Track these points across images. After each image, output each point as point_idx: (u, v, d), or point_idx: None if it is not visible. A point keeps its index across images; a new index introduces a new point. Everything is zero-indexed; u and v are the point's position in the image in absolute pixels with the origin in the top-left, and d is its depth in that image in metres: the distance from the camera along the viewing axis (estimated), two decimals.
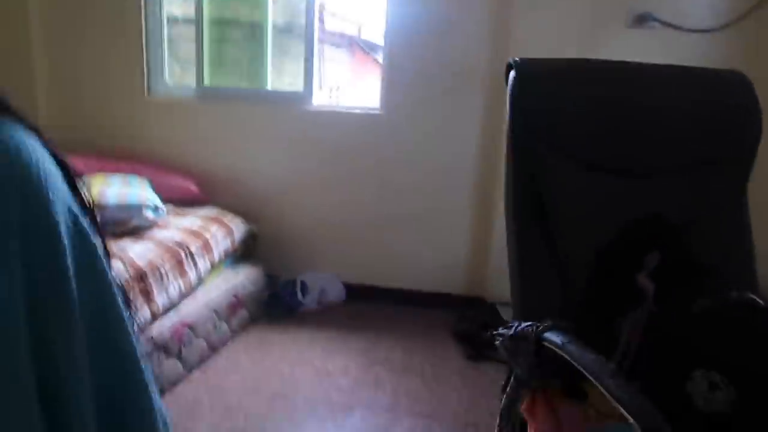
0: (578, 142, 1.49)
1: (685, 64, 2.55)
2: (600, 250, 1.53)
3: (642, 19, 2.64)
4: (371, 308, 2.89)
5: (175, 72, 3.25)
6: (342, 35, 5.98)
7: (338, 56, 6.40)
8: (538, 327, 1.25)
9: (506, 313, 2.59)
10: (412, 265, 2.96)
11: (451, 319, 2.75)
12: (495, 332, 1.34)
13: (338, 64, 6.43)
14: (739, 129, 1.47)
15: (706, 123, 1.48)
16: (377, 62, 7.08)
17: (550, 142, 1.47)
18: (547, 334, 1.23)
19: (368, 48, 6.67)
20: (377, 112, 2.93)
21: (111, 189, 2.33)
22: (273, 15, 3.21)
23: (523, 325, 1.32)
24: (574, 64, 1.49)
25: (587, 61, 1.50)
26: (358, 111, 2.98)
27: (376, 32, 6.52)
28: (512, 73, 1.46)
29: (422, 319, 2.82)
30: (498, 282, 2.74)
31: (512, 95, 1.45)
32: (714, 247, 1.58)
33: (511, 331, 1.30)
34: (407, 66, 2.84)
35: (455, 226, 2.92)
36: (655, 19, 2.63)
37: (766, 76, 2.46)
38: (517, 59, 1.45)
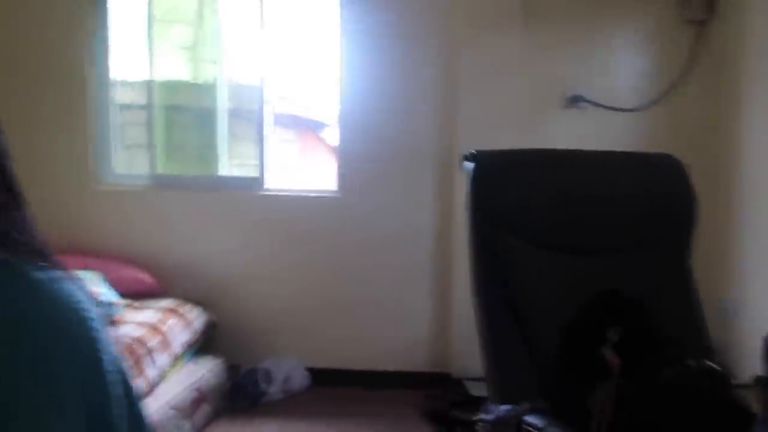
0: (535, 226, 1.58)
1: (615, 140, 2.79)
2: (564, 326, 1.60)
3: (575, 100, 2.86)
4: (338, 393, 2.84)
5: (122, 158, 3.22)
6: (289, 116, 6.12)
7: (286, 136, 6.53)
8: (517, 411, 1.29)
9: (474, 389, 2.60)
10: (376, 346, 2.95)
11: (419, 398, 2.73)
12: (476, 418, 1.36)
13: (286, 144, 6.55)
14: (676, 212, 1.61)
15: (645, 207, 1.61)
16: (322, 141, 7.25)
17: (510, 227, 1.56)
18: (528, 418, 1.26)
19: (315, 127, 6.86)
20: (334, 194, 3.00)
21: None
22: (223, 100, 3.28)
23: (503, 409, 1.35)
24: (526, 154, 1.61)
25: (538, 151, 1.62)
26: (313, 194, 3.04)
27: (321, 112, 6.72)
28: (471, 165, 1.56)
29: (391, 400, 2.79)
30: (463, 357, 2.77)
31: (473, 185, 1.54)
32: (668, 318, 1.67)
33: (492, 417, 1.33)
34: (361, 148, 2.94)
35: (416, 303, 2.96)
36: (586, 101, 2.85)
37: (685, 149, 2.73)
38: (475, 151, 1.55)
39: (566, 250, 1.62)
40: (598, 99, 2.85)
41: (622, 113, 2.85)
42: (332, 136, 6.84)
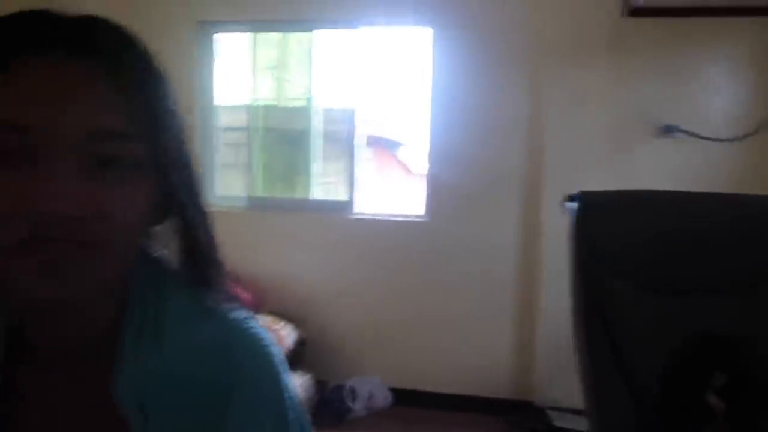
0: (641, 267, 1.60)
1: (710, 172, 2.72)
2: (668, 368, 1.61)
3: (667, 130, 2.81)
4: (419, 414, 2.89)
5: (220, 179, 3.43)
6: (368, 135, 6.27)
7: (364, 155, 6.69)
8: None
9: (557, 420, 2.60)
10: (458, 369, 3.00)
11: (500, 425, 2.75)
12: None
13: (365, 162, 6.71)
14: None
15: (753, 252, 1.58)
16: (397, 159, 7.37)
17: (614, 268, 1.58)
18: None
19: (390, 146, 6.99)
20: (421, 219, 3.08)
21: None
22: (317, 123, 3.43)
23: None
24: (631, 196, 1.63)
25: (643, 193, 1.64)
26: (400, 218, 3.14)
27: (396, 132, 6.85)
28: (575, 205, 1.59)
29: (470, 425, 2.81)
30: (547, 386, 2.78)
31: (577, 226, 1.58)
32: None
33: None
34: (449, 175, 3.01)
35: (500, 329, 2.98)
36: (679, 130, 2.80)
37: None
38: (580, 192, 1.59)
39: (669, 292, 1.61)
40: (689, 128, 2.79)
41: (718, 143, 2.77)
42: (407, 155, 6.96)
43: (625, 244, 1.57)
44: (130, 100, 0.52)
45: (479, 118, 2.95)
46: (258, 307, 2.96)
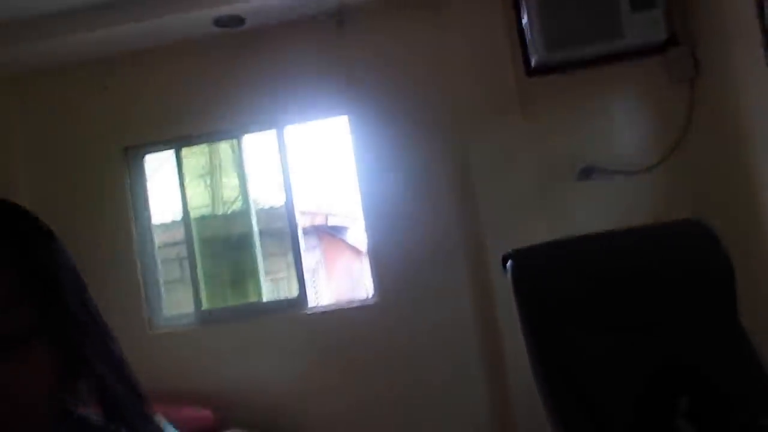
0: (582, 312, 1.65)
1: (631, 204, 2.86)
2: (633, 402, 1.63)
3: (585, 172, 2.97)
4: None
5: (166, 298, 3.36)
6: (314, 226, 6.34)
7: (309, 243, 6.72)
8: None
9: None
10: None
11: None
12: None
13: (311, 251, 6.73)
14: (714, 276, 1.67)
15: (683, 276, 1.67)
16: (345, 243, 7.43)
17: (558, 316, 1.63)
18: None
19: (337, 232, 7.07)
20: (371, 302, 3.08)
21: None
22: (255, 225, 3.44)
23: None
24: (560, 246, 1.70)
25: (570, 241, 1.71)
26: (354, 304, 3.13)
27: (339, 217, 6.95)
28: (510, 264, 1.65)
29: None
30: None
31: (516, 284, 1.63)
32: (731, 380, 1.69)
33: None
34: (391, 252, 3.05)
35: (472, 398, 2.95)
36: (596, 170, 2.95)
37: (701, 200, 2.79)
38: (512, 251, 1.65)
39: (617, 329, 1.67)
40: (604, 167, 2.95)
41: (634, 177, 2.94)
42: (355, 238, 7.02)
43: (565, 292, 1.62)
44: (15, 266, 0.51)
45: (409, 193, 3.04)
46: (224, 423, 2.84)
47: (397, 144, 3.08)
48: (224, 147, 4.06)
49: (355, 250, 7.22)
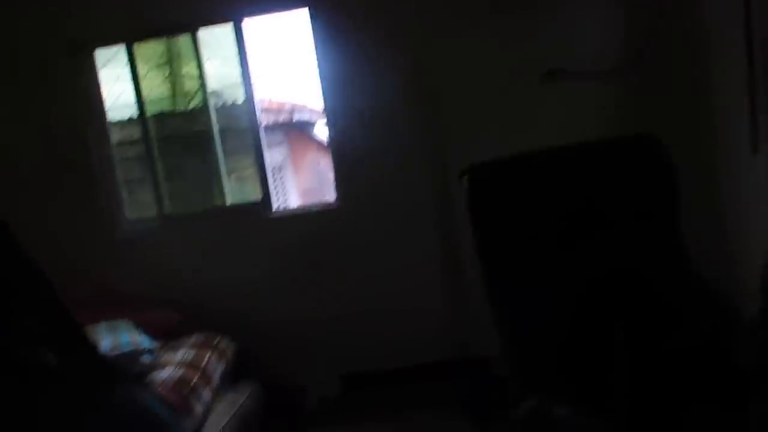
0: (531, 222, 1.70)
1: (595, 107, 2.84)
2: (575, 306, 1.73)
3: (551, 74, 2.91)
4: (372, 395, 2.96)
5: (129, 200, 3.33)
6: (276, 122, 6.18)
7: (275, 139, 6.61)
8: (544, 405, 1.41)
9: (498, 369, 2.73)
10: (400, 343, 3.05)
11: (450, 387, 2.87)
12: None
13: (276, 148, 6.64)
14: (660, 188, 1.71)
15: (631, 187, 1.71)
16: (313, 138, 7.33)
17: (506, 227, 1.68)
18: (555, 410, 1.39)
19: (303, 128, 6.93)
20: (335, 206, 3.10)
21: (104, 342, 2.37)
22: (215, 123, 3.35)
23: (529, 404, 1.47)
24: (513, 161, 1.71)
25: (522, 156, 1.72)
26: (316, 209, 3.15)
27: (305, 113, 6.78)
28: (466, 178, 1.66)
29: (424, 394, 2.91)
30: (483, 338, 2.90)
31: (470, 197, 1.65)
32: (668, 284, 1.79)
33: (521, 413, 1.45)
34: (354, 156, 3.03)
35: (430, 295, 3.07)
36: (562, 72, 2.90)
37: (664, 107, 2.80)
38: (468, 167, 1.66)
39: (563, 237, 1.73)
40: (573, 69, 2.90)
41: (596, 82, 2.90)
42: (322, 133, 6.90)
43: (514, 205, 1.66)
44: None
45: (372, 93, 2.96)
46: (189, 325, 2.92)
47: (358, 39, 2.95)
48: (183, 37, 3.84)
49: (323, 146, 7.15)
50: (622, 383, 1.45)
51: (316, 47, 3.01)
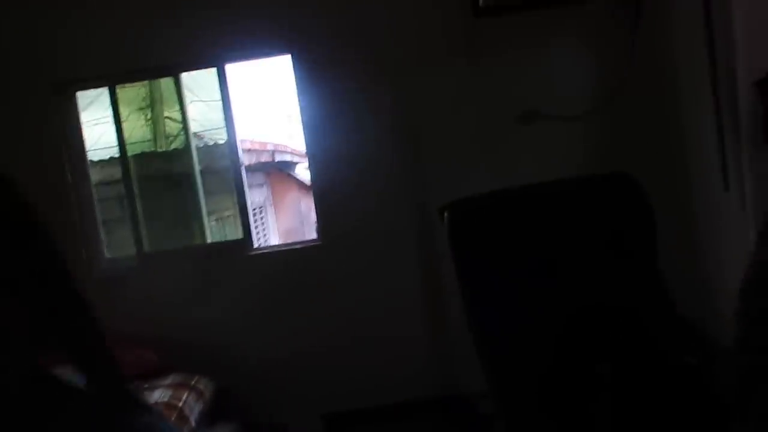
0: (510, 258, 1.73)
1: (571, 149, 2.93)
2: (557, 342, 1.74)
3: (526, 116, 3.01)
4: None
5: (105, 236, 3.29)
6: (258, 162, 6.22)
7: (256, 180, 6.64)
8: None
9: (483, 405, 2.72)
10: (384, 380, 3.03)
11: (435, 424, 2.84)
12: None
13: (258, 188, 6.66)
14: (637, 222, 1.76)
15: (607, 226, 1.76)
16: (294, 178, 7.38)
17: (487, 262, 1.70)
18: None
19: (284, 167, 6.98)
20: (316, 243, 3.11)
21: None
22: (196, 163, 3.37)
23: None
24: (492, 198, 1.75)
25: (501, 193, 1.76)
26: (298, 246, 3.15)
27: (286, 153, 6.85)
28: (446, 215, 1.69)
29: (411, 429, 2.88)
30: (466, 376, 2.90)
31: (451, 233, 1.68)
32: (648, 319, 1.82)
33: None
34: (335, 195, 3.06)
35: (412, 333, 3.07)
36: (538, 115, 2.99)
37: (638, 148, 2.89)
38: (447, 203, 1.69)
39: (542, 272, 1.75)
40: (547, 112, 3.00)
41: (573, 123, 3.00)
42: (304, 173, 6.95)
43: (494, 241, 1.69)
44: None
45: (353, 136, 3.02)
46: (168, 365, 2.87)
47: (340, 85, 3.01)
48: (165, 80, 3.89)
49: (304, 186, 7.18)
50: (604, 416, 1.46)
51: (298, 90, 3.07)
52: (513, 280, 1.73)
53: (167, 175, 3.56)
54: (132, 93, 4.23)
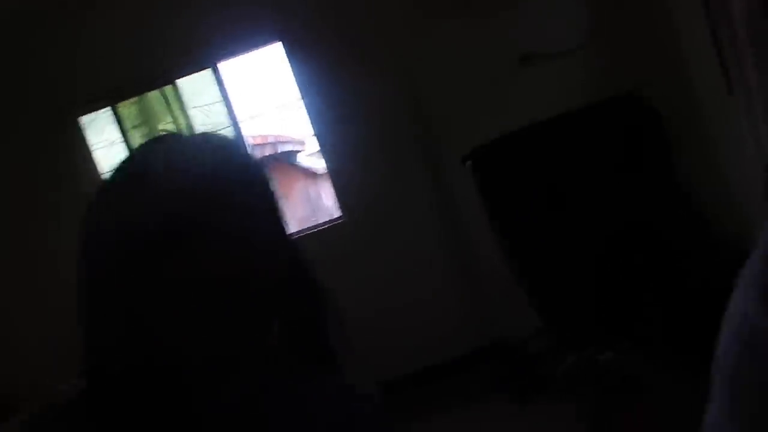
0: (539, 192, 1.79)
1: (573, 84, 2.93)
2: (596, 263, 1.81)
3: (526, 57, 3.01)
4: (409, 397, 2.96)
5: None
6: (262, 156, 6.26)
7: None
8: (589, 355, 1.49)
9: (532, 346, 2.79)
10: (425, 342, 3.10)
11: (485, 376, 2.92)
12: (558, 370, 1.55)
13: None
14: (653, 145, 1.82)
15: (622, 143, 1.81)
16: (298, 167, 7.40)
17: (518, 200, 1.77)
18: (601, 357, 1.47)
19: (287, 158, 7.02)
20: (340, 221, 3.17)
21: None
22: None
23: (572, 358, 1.55)
24: (511, 138, 1.81)
25: (519, 133, 1.82)
26: (324, 226, 3.22)
27: (288, 144, 6.88)
28: (469, 163, 1.76)
29: (463, 385, 2.95)
30: (507, 320, 2.97)
31: (476, 179, 1.75)
32: (678, 234, 1.88)
33: (567, 365, 1.53)
34: (351, 172, 3.11)
35: (449, 287, 3.13)
36: (536, 54, 3.00)
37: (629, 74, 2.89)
38: (469, 151, 1.76)
39: (569, 201, 1.82)
40: (545, 50, 3.00)
41: (572, 56, 2.99)
42: (308, 160, 6.99)
43: (519, 179, 1.75)
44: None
45: (358, 112, 3.05)
46: None
47: (337, 59, 3.04)
48: (154, 95, 3.91)
49: (310, 173, 7.22)
50: (656, 315, 1.52)
51: (294, 75, 3.11)
52: (542, 210, 1.79)
53: None
54: (124, 112, 4.26)
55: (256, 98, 3.78)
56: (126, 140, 3.32)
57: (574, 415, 1.68)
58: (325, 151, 3.15)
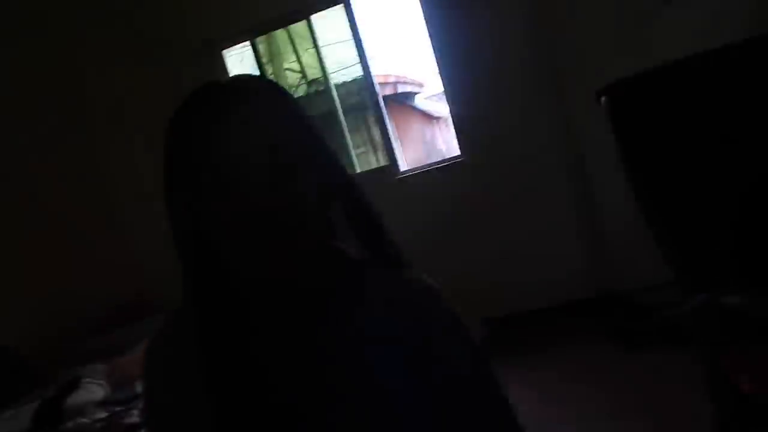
0: (681, 133, 1.72)
1: (720, 21, 2.69)
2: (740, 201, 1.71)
3: None
4: (519, 336, 3.04)
5: None
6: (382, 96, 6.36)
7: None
8: (713, 296, 1.46)
9: (646, 297, 2.74)
10: (540, 284, 3.12)
11: (596, 323, 2.91)
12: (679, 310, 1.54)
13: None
14: None
15: None
16: (416, 109, 7.45)
17: (657, 141, 1.71)
18: (726, 299, 1.44)
19: (405, 99, 7.08)
20: (459, 159, 3.22)
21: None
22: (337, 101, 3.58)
23: (699, 298, 1.53)
24: (652, 74, 1.73)
25: (663, 67, 1.73)
26: (444, 164, 3.28)
27: (407, 85, 6.93)
28: (605, 99, 1.72)
29: (572, 330, 2.96)
30: (625, 271, 2.92)
31: (612, 117, 1.71)
32: None
33: (692, 305, 1.51)
34: (473, 112, 3.12)
35: (567, 234, 3.11)
36: None
37: None
38: (606, 86, 1.71)
39: (714, 143, 1.72)
40: None
41: None
42: (426, 103, 7.01)
43: (660, 119, 1.69)
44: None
45: (485, 46, 3.03)
46: None
47: (468, 2, 3.02)
48: (280, 33, 4.08)
49: (427, 116, 7.25)
50: None
51: (424, 13, 3.12)
52: (686, 150, 1.71)
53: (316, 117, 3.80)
54: (261, 48, 4.50)
55: (384, 37, 3.82)
56: (262, 75, 3.54)
57: (690, 363, 1.66)
58: (449, 90, 3.17)
